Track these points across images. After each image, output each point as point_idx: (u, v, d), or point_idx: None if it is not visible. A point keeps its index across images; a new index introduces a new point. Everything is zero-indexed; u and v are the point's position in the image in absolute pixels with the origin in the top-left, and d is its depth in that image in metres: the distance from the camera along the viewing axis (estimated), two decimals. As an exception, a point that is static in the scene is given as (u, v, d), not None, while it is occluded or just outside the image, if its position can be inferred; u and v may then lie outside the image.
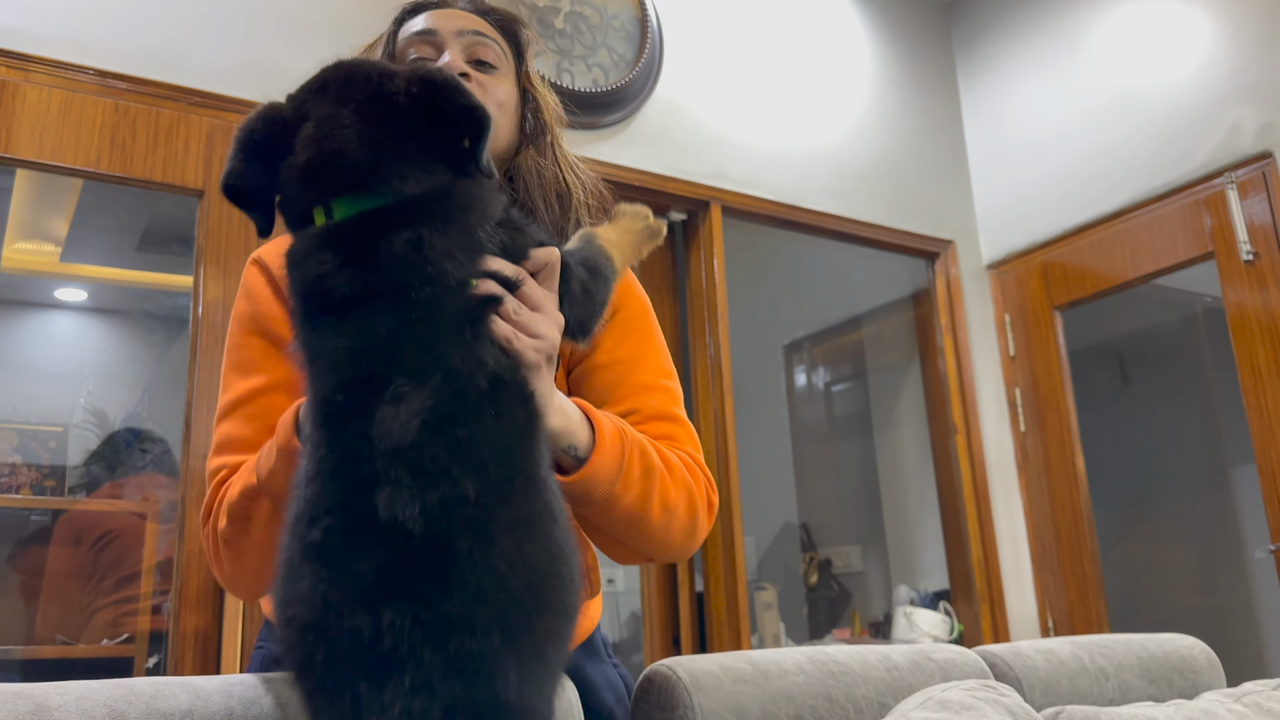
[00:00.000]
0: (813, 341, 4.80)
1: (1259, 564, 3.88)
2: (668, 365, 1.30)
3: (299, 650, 0.84)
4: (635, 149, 3.27)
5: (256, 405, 1.21)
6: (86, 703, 0.96)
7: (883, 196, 3.85)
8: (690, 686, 1.28)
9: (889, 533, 4.28)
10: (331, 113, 0.95)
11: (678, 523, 1.17)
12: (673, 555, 1.22)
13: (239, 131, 0.99)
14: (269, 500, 1.06)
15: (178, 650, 2.30)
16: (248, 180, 0.99)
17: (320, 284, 0.88)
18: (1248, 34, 3.28)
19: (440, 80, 0.95)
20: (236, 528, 1.11)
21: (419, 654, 0.78)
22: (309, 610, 0.82)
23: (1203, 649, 1.95)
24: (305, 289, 0.91)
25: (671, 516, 1.15)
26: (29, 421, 3.05)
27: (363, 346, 0.86)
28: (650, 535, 1.15)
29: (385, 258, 0.87)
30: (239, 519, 1.10)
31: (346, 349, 0.87)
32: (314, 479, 0.85)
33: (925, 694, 1.36)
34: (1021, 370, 3.88)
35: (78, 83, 2.45)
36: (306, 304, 0.91)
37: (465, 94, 0.94)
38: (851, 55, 3.97)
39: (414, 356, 0.85)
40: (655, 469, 1.13)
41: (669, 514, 1.15)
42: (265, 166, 0.97)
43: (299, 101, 0.99)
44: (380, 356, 0.85)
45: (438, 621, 0.79)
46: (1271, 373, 3.15)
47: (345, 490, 0.83)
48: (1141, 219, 3.55)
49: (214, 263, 2.52)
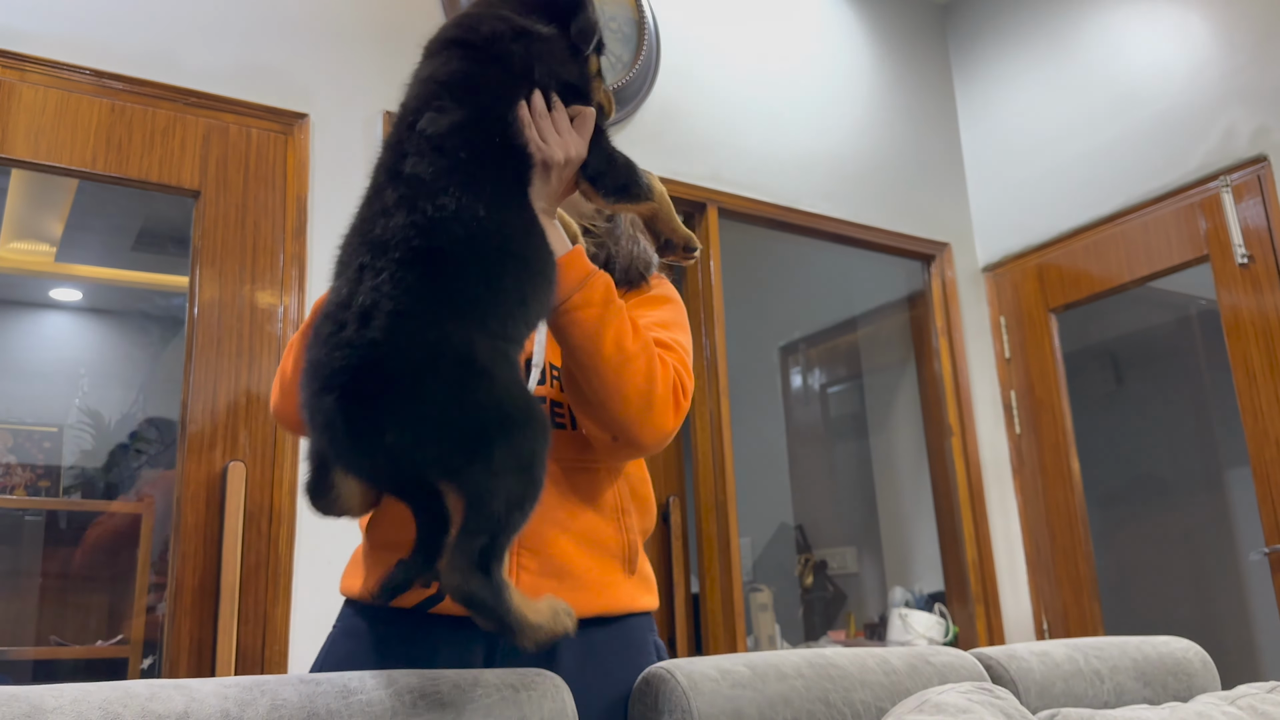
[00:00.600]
0: (808, 343, 4.80)
1: (1253, 566, 3.89)
2: (673, 324, 1.46)
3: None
4: (632, 151, 3.23)
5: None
6: (82, 705, 0.96)
7: (878, 199, 3.86)
8: (688, 690, 1.28)
9: (884, 534, 4.28)
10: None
11: (632, 376, 1.28)
12: (631, 421, 1.30)
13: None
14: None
15: (173, 652, 2.30)
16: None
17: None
18: (1242, 38, 3.29)
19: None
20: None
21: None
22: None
23: (1197, 651, 1.95)
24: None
25: (626, 362, 1.27)
26: (23, 422, 3.04)
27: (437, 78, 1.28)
28: (604, 376, 1.27)
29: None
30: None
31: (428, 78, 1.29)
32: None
33: (921, 697, 1.37)
34: (1017, 372, 3.89)
35: (73, 83, 2.45)
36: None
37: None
38: (848, 58, 3.98)
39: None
40: (616, 305, 1.29)
41: (623, 357, 1.27)
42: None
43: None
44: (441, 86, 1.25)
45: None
46: (1266, 375, 3.15)
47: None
48: (1137, 222, 3.55)
49: (209, 263, 2.52)
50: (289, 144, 2.69)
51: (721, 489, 3.19)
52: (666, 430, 1.33)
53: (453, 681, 1.16)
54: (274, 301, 2.57)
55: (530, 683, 1.21)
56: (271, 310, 2.56)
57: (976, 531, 3.71)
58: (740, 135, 3.55)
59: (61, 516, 3.02)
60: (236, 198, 2.59)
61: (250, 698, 1.04)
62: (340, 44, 2.83)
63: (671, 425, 1.34)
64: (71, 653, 2.81)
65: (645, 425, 1.31)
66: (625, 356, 1.28)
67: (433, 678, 1.16)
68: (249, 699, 1.04)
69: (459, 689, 1.15)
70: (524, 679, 1.22)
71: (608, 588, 1.39)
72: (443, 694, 1.14)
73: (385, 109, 2.83)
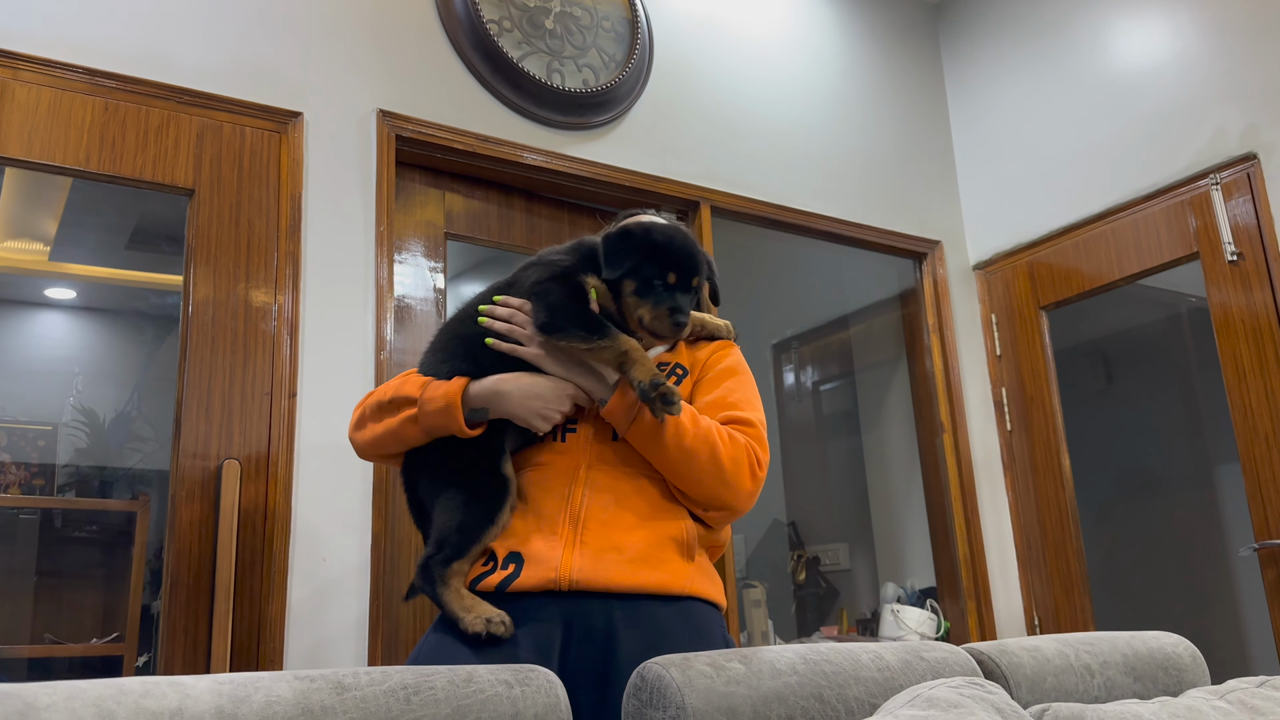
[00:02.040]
0: (801, 341, 4.81)
1: (1243, 562, 3.91)
2: (740, 398, 1.74)
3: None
4: (625, 149, 3.28)
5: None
6: (75, 702, 0.96)
7: (870, 197, 3.87)
8: (683, 686, 1.28)
9: (876, 531, 4.29)
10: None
11: (698, 464, 1.60)
12: (714, 496, 1.63)
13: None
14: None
15: (167, 649, 2.30)
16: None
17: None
18: (1233, 36, 3.30)
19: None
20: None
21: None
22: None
23: (1187, 646, 1.96)
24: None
25: (690, 457, 1.59)
26: (18, 420, 3.04)
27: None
28: (675, 469, 1.61)
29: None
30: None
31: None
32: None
33: (913, 691, 1.37)
34: (1008, 370, 3.90)
35: (67, 81, 2.45)
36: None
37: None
38: (840, 56, 3.99)
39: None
40: (668, 419, 1.58)
41: (685, 454, 1.59)
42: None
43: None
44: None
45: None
46: (1255, 372, 3.17)
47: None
48: (1127, 220, 3.57)
49: (204, 262, 2.52)
50: (283, 142, 2.69)
51: (714, 486, 3.19)
52: (745, 495, 1.64)
53: (447, 677, 1.17)
54: (268, 300, 2.57)
55: (524, 678, 1.22)
56: (266, 309, 2.56)
57: (968, 528, 3.73)
58: (733, 134, 3.56)
59: (56, 515, 3.02)
60: (230, 196, 2.60)
61: (245, 694, 1.05)
62: (334, 43, 2.84)
63: (748, 491, 1.64)
64: (66, 650, 2.81)
65: (724, 498, 1.63)
66: (686, 453, 1.60)
67: (427, 674, 1.17)
68: (243, 695, 1.05)
69: (453, 684, 1.16)
70: (518, 675, 1.22)
71: (663, 564, 1.58)
72: (437, 689, 1.15)
73: (379, 107, 2.84)
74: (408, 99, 2.91)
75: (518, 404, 1.62)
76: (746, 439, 1.66)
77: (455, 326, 1.77)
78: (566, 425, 1.70)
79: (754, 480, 1.64)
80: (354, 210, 2.74)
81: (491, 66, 3.04)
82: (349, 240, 2.71)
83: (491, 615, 1.51)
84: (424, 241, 2.96)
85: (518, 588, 1.55)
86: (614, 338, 1.59)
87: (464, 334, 1.72)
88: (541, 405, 1.63)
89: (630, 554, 1.56)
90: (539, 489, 1.65)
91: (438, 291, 2.94)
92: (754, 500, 1.66)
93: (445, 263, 2.98)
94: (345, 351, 2.63)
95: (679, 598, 1.58)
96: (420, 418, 1.62)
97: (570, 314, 1.62)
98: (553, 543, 1.57)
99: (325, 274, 2.66)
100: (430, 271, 2.95)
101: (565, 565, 1.54)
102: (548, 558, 1.56)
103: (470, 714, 1.14)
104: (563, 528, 1.59)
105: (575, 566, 1.54)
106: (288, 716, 1.04)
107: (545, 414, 1.63)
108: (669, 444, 1.59)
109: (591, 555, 1.55)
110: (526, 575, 1.56)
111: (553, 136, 3.14)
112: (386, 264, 2.74)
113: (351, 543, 2.53)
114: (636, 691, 1.32)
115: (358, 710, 1.08)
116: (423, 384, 1.66)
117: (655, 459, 1.62)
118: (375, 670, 1.15)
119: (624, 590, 1.54)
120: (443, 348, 1.75)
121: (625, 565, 1.55)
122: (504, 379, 1.64)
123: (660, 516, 1.62)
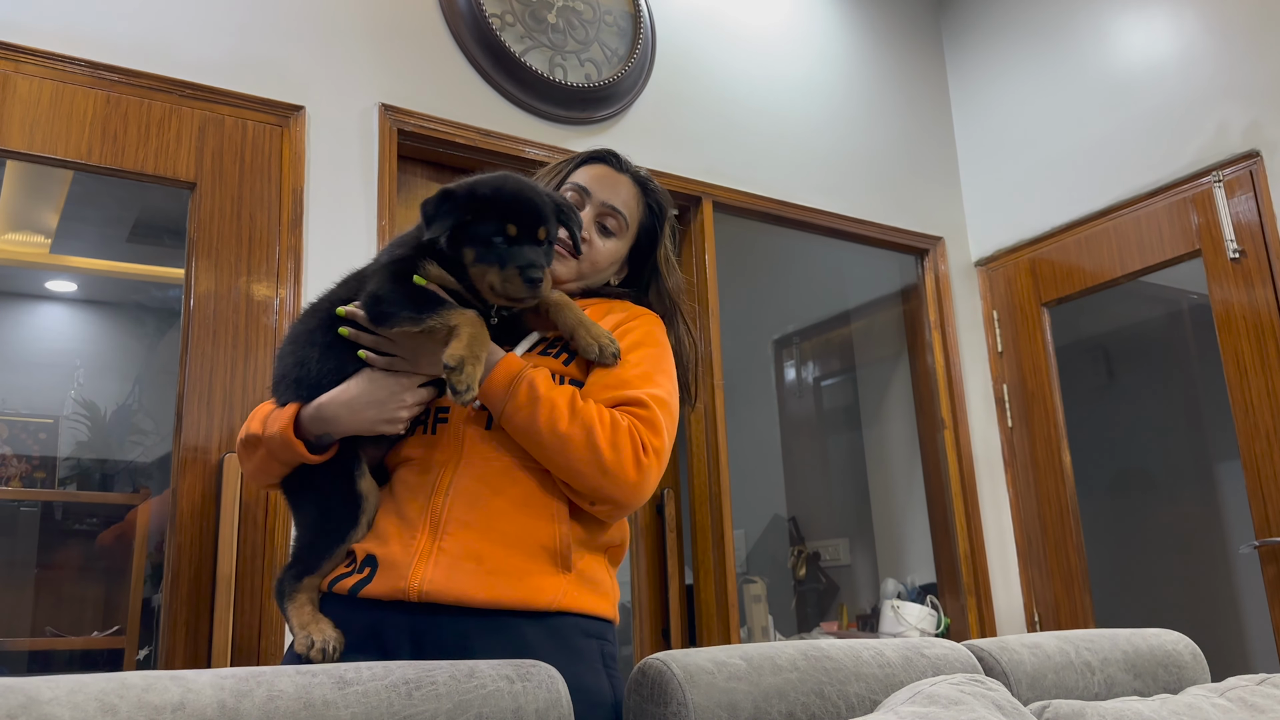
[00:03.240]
0: (802, 336, 4.81)
1: (1243, 559, 3.91)
2: (638, 374, 1.55)
3: None
4: (627, 144, 3.27)
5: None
6: (78, 696, 0.96)
7: (873, 193, 3.86)
8: (684, 682, 1.28)
9: (877, 526, 4.30)
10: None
11: (575, 451, 1.42)
12: (595, 488, 1.44)
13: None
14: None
15: (169, 643, 2.30)
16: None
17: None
18: (1235, 33, 3.30)
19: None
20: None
21: None
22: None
23: (1188, 644, 1.97)
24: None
25: (565, 445, 1.42)
26: (19, 413, 3.04)
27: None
28: (551, 458, 1.44)
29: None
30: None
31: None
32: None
33: (914, 688, 1.37)
34: (1009, 366, 3.90)
35: (69, 74, 2.44)
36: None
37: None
38: (843, 52, 3.98)
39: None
40: (541, 399, 1.43)
41: (561, 440, 1.42)
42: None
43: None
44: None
45: None
46: (1256, 369, 3.17)
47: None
48: (1129, 217, 3.56)
49: (205, 255, 2.52)
50: (285, 136, 2.69)
51: (715, 481, 3.20)
52: (629, 486, 1.44)
53: (449, 672, 1.17)
54: (269, 294, 2.57)
55: (526, 674, 1.22)
56: (267, 302, 2.56)
57: (968, 524, 3.73)
58: (736, 129, 3.56)
59: (57, 508, 3.02)
60: (232, 190, 2.59)
61: (247, 688, 1.05)
62: (336, 37, 2.83)
63: (632, 481, 1.44)
64: (67, 644, 2.81)
65: (606, 489, 1.44)
66: (561, 439, 1.42)
67: (429, 669, 1.17)
68: (245, 689, 1.05)
69: (455, 680, 1.16)
70: (519, 670, 1.22)
71: (527, 577, 1.42)
72: (439, 684, 1.15)
73: (381, 101, 2.83)
74: (410, 93, 2.90)
75: (350, 423, 1.48)
76: (631, 422, 1.46)
77: (304, 323, 1.61)
78: (438, 414, 1.54)
79: (639, 469, 1.44)
80: (356, 204, 2.73)
81: (494, 61, 3.04)
82: (350, 234, 2.71)
83: (318, 638, 1.40)
84: (426, 236, 2.96)
85: (369, 594, 1.42)
86: (443, 313, 1.42)
87: (310, 331, 1.58)
88: (378, 413, 1.48)
89: (490, 565, 1.41)
90: (404, 487, 1.51)
91: (439, 286, 2.94)
92: (643, 491, 1.46)
93: (447, 257, 2.98)
94: (346, 345, 2.63)
95: (546, 614, 1.42)
96: (271, 454, 1.51)
97: (395, 298, 1.45)
98: (409, 548, 1.43)
99: (327, 268, 2.63)
100: (432, 266, 2.94)
101: (415, 575, 1.40)
102: (400, 564, 1.42)
103: (472, 709, 1.14)
104: (421, 532, 1.45)
105: (426, 578, 1.39)
106: (290, 711, 1.04)
107: (388, 418, 1.48)
108: (542, 429, 1.42)
109: (447, 565, 1.40)
110: (377, 582, 1.42)
111: (555, 131, 3.14)
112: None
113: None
114: (637, 687, 1.32)
115: (359, 705, 1.08)
116: (263, 418, 1.54)
117: (530, 447, 1.45)
118: (377, 665, 1.15)
119: (479, 606, 1.39)
120: (288, 352, 1.59)
121: (483, 577, 1.40)
122: (325, 402, 1.48)
123: (533, 519, 1.46)
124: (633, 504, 1.47)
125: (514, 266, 1.43)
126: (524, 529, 1.45)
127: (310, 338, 1.56)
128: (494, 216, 1.45)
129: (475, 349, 1.39)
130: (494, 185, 1.48)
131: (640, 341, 1.60)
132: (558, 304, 1.56)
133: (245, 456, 1.57)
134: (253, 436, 1.54)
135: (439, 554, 1.42)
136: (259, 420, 1.55)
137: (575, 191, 1.73)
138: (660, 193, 1.80)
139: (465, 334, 1.39)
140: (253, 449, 1.54)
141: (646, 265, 1.78)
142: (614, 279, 1.77)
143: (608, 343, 1.53)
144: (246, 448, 1.56)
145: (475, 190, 1.47)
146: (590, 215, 1.71)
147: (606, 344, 1.53)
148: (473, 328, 1.41)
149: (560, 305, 1.56)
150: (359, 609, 1.43)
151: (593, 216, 1.71)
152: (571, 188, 1.74)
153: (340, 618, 1.44)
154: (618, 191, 1.74)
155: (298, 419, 1.50)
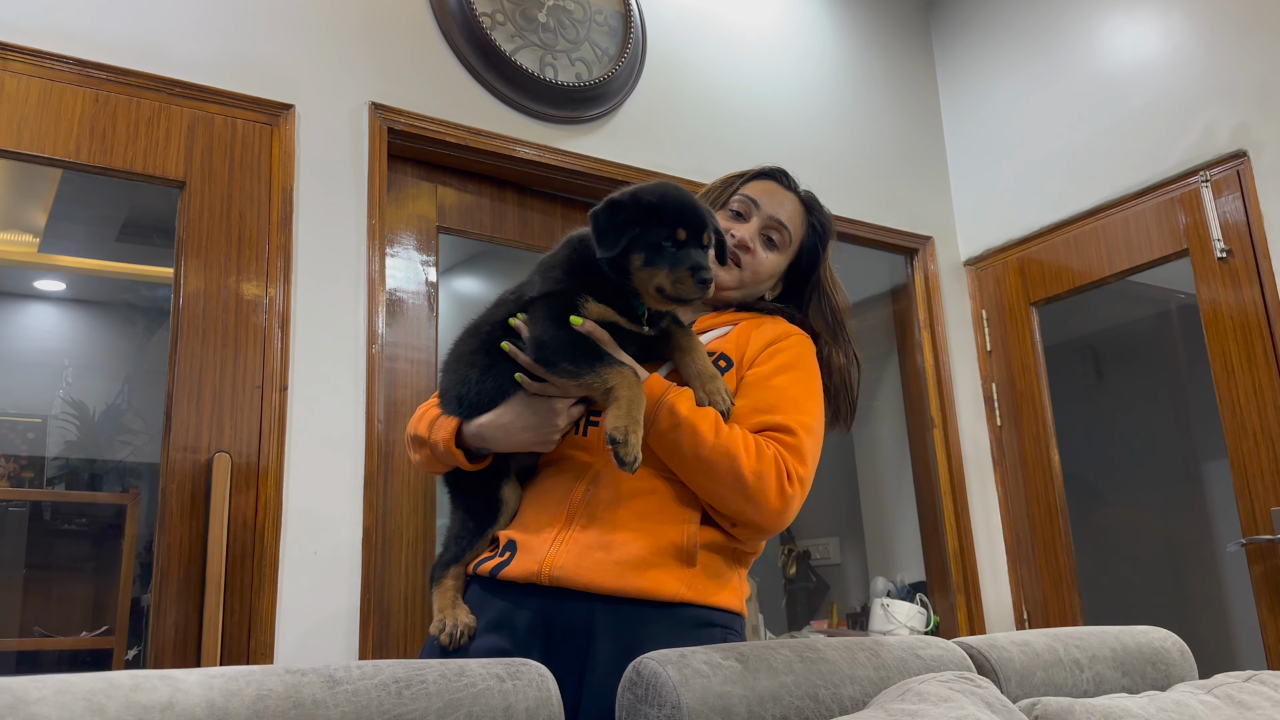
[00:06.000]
0: (792, 335, 4.80)
1: (1230, 557, 3.93)
2: (785, 399, 1.60)
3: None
4: (618, 143, 3.28)
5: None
6: (65, 696, 0.96)
7: (862, 192, 3.87)
8: (678, 685, 1.27)
9: (867, 525, 4.31)
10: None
11: (719, 476, 1.49)
12: (738, 511, 1.52)
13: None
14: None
15: (158, 643, 2.30)
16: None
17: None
18: (1222, 34, 3.31)
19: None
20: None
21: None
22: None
23: (1175, 641, 1.97)
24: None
25: (709, 469, 1.49)
26: (7, 413, 3.03)
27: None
28: (695, 480, 1.52)
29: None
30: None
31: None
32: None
33: (903, 686, 1.38)
34: (998, 365, 3.91)
35: (57, 72, 2.43)
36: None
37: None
38: (833, 52, 3.99)
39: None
40: (683, 425, 1.49)
41: (705, 465, 1.49)
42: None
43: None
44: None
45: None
46: (1243, 369, 3.18)
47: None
48: (1117, 216, 3.58)
49: (194, 254, 2.51)
50: (274, 135, 2.68)
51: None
52: (772, 514, 1.52)
53: (438, 671, 1.17)
54: (259, 293, 2.57)
55: (516, 672, 1.22)
56: (257, 301, 2.56)
57: (958, 522, 3.74)
58: (726, 129, 3.56)
59: (45, 508, 3.01)
60: (222, 189, 2.59)
61: (236, 688, 1.05)
62: (326, 35, 2.83)
63: (774, 509, 1.51)
64: (56, 644, 2.80)
65: (748, 514, 1.52)
66: (704, 464, 1.49)
67: (419, 667, 1.17)
68: (234, 689, 1.05)
69: (445, 678, 1.16)
70: (510, 669, 1.22)
71: (653, 568, 1.51)
72: (429, 683, 1.15)
73: (371, 100, 2.83)
74: (400, 92, 2.90)
75: (506, 444, 1.60)
76: (777, 450, 1.53)
77: (466, 343, 1.72)
78: (590, 418, 1.63)
79: (782, 497, 1.51)
80: (346, 203, 2.73)
81: (484, 60, 3.03)
82: (341, 233, 2.70)
83: (449, 623, 1.55)
84: (416, 235, 2.96)
85: (506, 575, 1.55)
86: (601, 374, 1.48)
87: (472, 353, 1.68)
88: (533, 435, 1.58)
89: (618, 554, 1.50)
90: (551, 481, 1.63)
91: (429, 285, 2.94)
92: (786, 519, 1.54)
93: (437, 256, 2.98)
94: (336, 345, 2.63)
95: (669, 604, 1.50)
96: (435, 457, 1.66)
97: (556, 345, 1.52)
98: (545, 535, 1.55)
99: (317, 267, 2.65)
100: (422, 265, 2.94)
101: (548, 560, 1.52)
102: (535, 549, 1.54)
103: (462, 708, 1.14)
104: (558, 521, 1.56)
105: (557, 563, 1.51)
106: (279, 710, 1.04)
107: (542, 439, 1.59)
108: (686, 454, 1.50)
109: (577, 552, 1.51)
110: (515, 565, 1.55)
111: (545, 130, 3.14)
112: (378, 257, 2.73)
113: (342, 536, 2.53)
114: (632, 686, 1.31)
115: (349, 704, 1.08)
116: (430, 422, 1.68)
117: (675, 467, 1.54)
118: (367, 664, 1.15)
119: (603, 592, 1.49)
120: (452, 368, 1.71)
121: (610, 566, 1.49)
122: (485, 423, 1.60)
123: (665, 519, 1.54)
124: (774, 530, 1.56)
125: (685, 268, 1.50)
126: (656, 526, 1.53)
127: (471, 359, 1.66)
128: (663, 222, 1.52)
129: (635, 413, 1.44)
130: (659, 193, 1.55)
131: (790, 364, 1.66)
132: (685, 348, 1.62)
133: (413, 450, 1.73)
134: (419, 438, 1.69)
135: (570, 542, 1.53)
136: (425, 423, 1.68)
137: (744, 203, 1.81)
138: (825, 213, 1.88)
139: (624, 399, 1.45)
140: (419, 447, 1.70)
141: (807, 284, 1.86)
142: (769, 294, 1.84)
143: (720, 399, 1.57)
144: (415, 444, 1.71)
145: (640, 198, 1.54)
146: (756, 227, 1.79)
147: (719, 400, 1.57)
148: (630, 390, 1.46)
149: (687, 351, 1.62)
150: (498, 591, 1.57)
151: (758, 228, 1.79)
152: (740, 199, 1.82)
153: (481, 599, 1.58)
154: (784, 207, 1.82)
155: (459, 430, 1.62)
